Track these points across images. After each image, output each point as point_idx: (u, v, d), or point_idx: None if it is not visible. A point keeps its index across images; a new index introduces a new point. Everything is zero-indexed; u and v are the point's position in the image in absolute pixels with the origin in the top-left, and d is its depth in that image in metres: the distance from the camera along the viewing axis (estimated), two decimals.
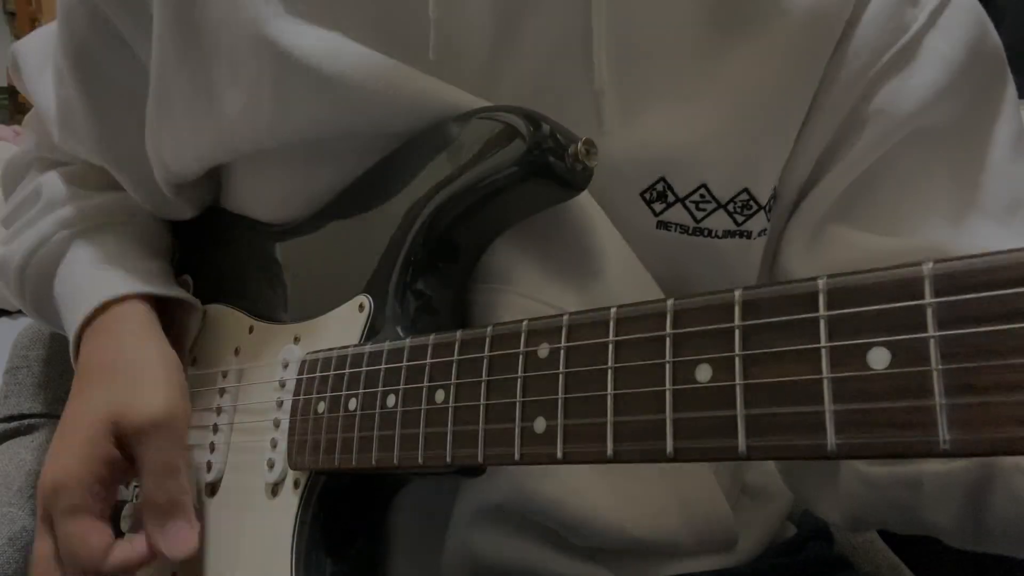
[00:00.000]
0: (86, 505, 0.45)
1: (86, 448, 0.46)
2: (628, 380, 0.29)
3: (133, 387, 0.47)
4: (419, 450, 0.36)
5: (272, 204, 0.51)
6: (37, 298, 0.57)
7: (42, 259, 0.55)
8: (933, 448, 0.22)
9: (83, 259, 0.54)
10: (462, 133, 0.42)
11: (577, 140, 0.39)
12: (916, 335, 0.22)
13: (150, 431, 0.45)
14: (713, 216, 0.45)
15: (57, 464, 0.46)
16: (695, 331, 0.27)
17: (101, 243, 0.55)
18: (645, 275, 0.45)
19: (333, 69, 0.42)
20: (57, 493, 0.45)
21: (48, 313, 0.58)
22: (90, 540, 0.44)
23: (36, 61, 0.58)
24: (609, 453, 0.29)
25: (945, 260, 0.22)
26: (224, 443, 0.49)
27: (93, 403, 0.48)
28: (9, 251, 0.57)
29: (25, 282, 0.57)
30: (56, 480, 0.46)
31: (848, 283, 0.24)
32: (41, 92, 0.56)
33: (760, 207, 0.46)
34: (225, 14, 0.44)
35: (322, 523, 0.43)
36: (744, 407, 0.25)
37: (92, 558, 0.44)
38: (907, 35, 0.44)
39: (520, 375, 0.32)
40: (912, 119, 0.45)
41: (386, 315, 0.42)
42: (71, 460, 0.46)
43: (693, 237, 0.45)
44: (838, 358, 0.24)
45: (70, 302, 0.53)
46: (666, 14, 0.44)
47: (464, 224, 0.42)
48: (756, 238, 0.46)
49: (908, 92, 0.44)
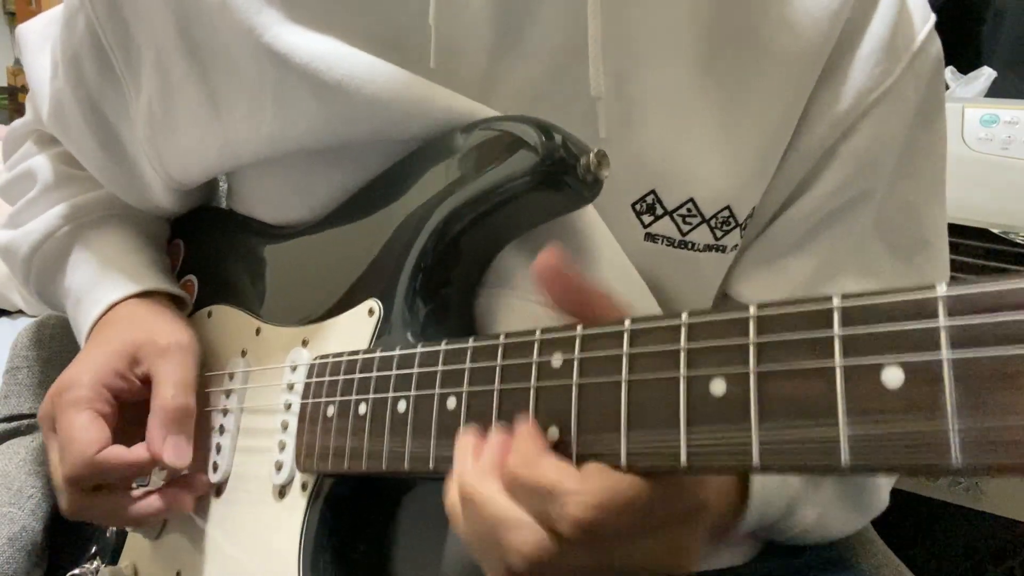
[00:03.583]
0: (88, 400, 0.46)
1: (99, 359, 0.48)
2: (642, 392, 0.29)
3: (154, 323, 0.50)
4: (430, 456, 0.36)
5: (278, 207, 0.51)
6: (42, 287, 0.59)
7: (48, 252, 0.57)
8: (945, 466, 0.22)
9: (87, 259, 0.56)
10: (473, 141, 0.42)
11: (589, 151, 0.39)
12: (930, 356, 0.23)
13: (174, 350, 0.48)
14: (697, 230, 0.46)
15: (66, 373, 0.48)
16: (709, 346, 0.28)
17: (103, 240, 0.56)
18: (638, 278, 0.46)
19: (332, 75, 0.42)
20: (62, 392, 0.47)
21: (53, 301, 0.60)
22: (89, 430, 0.45)
23: (36, 40, 0.59)
24: (622, 464, 0.29)
25: (959, 283, 0.22)
26: (230, 444, 0.49)
27: (115, 334, 0.50)
28: (14, 239, 0.59)
29: (31, 272, 0.58)
30: (63, 382, 0.47)
31: (863, 302, 0.24)
32: (36, 71, 0.57)
33: (737, 224, 0.47)
34: (226, 25, 0.45)
35: (329, 525, 0.43)
36: (758, 421, 0.26)
37: (84, 448, 0.45)
38: (892, 78, 0.46)
39: (533, 384, 0.33)
40: (875, 167, 0.47)
41: (395, 320, 0.43)
42: (82, 368, 0.48)
43: (677, 250, 0.46)
44: (852, 376, 0.24)
45: (78, 304, 0.54)
46: (662, 25, 0.44)
47: (474, 231, 0.42)
48: (728, 252, 0.48)
49: (881, 139, 0.46)
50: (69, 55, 0.52)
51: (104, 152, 0.54)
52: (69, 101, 0.53)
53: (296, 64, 0.43)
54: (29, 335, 0.70)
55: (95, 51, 0.50)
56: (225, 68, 0.46)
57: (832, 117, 0.46)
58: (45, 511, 0.62)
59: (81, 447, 0.45)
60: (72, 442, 0.45)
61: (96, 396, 0.47)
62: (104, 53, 0.50)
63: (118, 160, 0.54)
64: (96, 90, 0.52)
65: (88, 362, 0.48)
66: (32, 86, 0.58)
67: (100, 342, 0.50)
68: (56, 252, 0.57)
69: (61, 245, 0.57)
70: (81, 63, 0.51)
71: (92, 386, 0.47)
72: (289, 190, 0.49)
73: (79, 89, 0.52)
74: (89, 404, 0.46)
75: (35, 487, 0.63)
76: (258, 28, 0.43)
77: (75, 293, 0.55)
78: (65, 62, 0.52)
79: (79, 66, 0.52)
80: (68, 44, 0.51)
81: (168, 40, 0.47)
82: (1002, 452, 0.21)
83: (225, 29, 0.45)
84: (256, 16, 0.44)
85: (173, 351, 0.48)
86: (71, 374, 0.48)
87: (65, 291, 0.56)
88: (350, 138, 0.45)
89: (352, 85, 0.42)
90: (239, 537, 0.47)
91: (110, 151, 0.54)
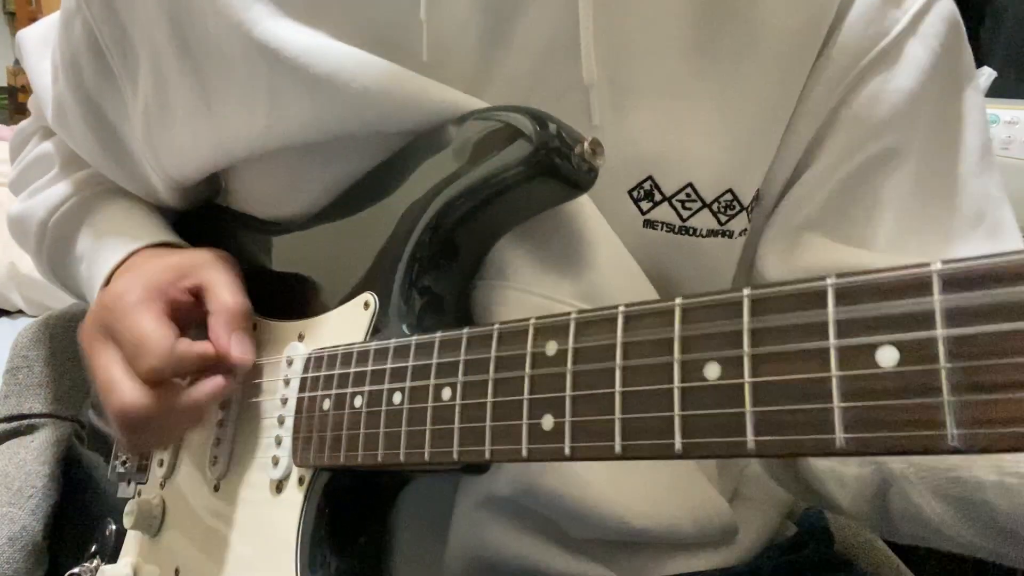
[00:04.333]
0: (148, 299, 0.45)
1: (146, 275, 0.47)
2: (636, 378, 0.29)
3: (183, 251, 0.50)
4: (425, 447, 0.36)
5: (272, 203, 0.51)
6: (54, 255, 0.59)
7: (64, 215, 0.57)
8: (941, 445, 0.22)
9: (105, 218, 0.56)
10: (467, 132, 0.42)
11: (583, 140, 0.39)
12: (924, 334, 0.22)
13: (218, 259, 0.49)
14: (698, 215, 0.46)
15: (112, 288, 0.47)
16: (703, 330, 0.27)
17: (118, 204, 0.57)
18: (636, 266, 0.46)
19: (322, 68, 0.42)
20: (116, 301, 0.45)
21: (61, 270, 0.59)
22: (161, 325, 0.44)
23: (36, 45, 0.59)
24: (617, 450, 0.29)
25: (953, 260, 0.22)
26: (229, 439, 0.49)
27: (151, 263, 0.49)
28: (30, 206, 0.59)
29: (45, 238, 0.58)
30: (112, 294, 0.46)
31: (856, 282, 0.24)
32: (39, 75, 0.58)
33: (743, 208, 0.46)
34: (218, 21, 0.45)
35: (327, 519, 0.43)
36: (753, 405, 0.26)
37: (162, 341, 0.43)
38: (888, 38, 0.45)
39: (528, 373, 0.33)
40: (885, 127, 0.46)
41: (391, 312, 0.43)
42: (130, 280, 0.47)
43: (678, 236, 0.46)
44: (846, 357, 0.24)
45: (92, 264, 0.54)
46: (654, 11, 0.44)
47: (469, 222, 0.42)
48: (737, 238, 0.47)
49: (884, 98, 0.45)
50: (68, 58, 0.52)
51: (106, 152, 0.55)
52: (70, 104, 0.53)
53: (286, 57, 0.43)
54: (29, 335, 0.70)
55: (93, 53, 0.51)
56: (217, 64, 0.46)
57: (826, 84, 0.45)
58: (45, 511, 0.62)
59: (160, 340, 0.43)
60: (148, 338, 0.43)
61: (155, 296, 0.45)
62: (101, 54, 0.50)
63: (120, 160, 0.55)
64: (95, 91, 0.52)
65: (134, 278, 0.47)
66: (35, 91, 0.59)
67: (137, 272, 0.49)
68: (73, 216, 0.57)
69: (78, 209, 0.57)
70: (80, 65, 0.52)
71: (148, 289, 0.46)
72: (283, 186, 0.50)
73: (79, 91, 0.53)
74: (150, 305, 0.45)
75: (35, 487, 0.63)
76: (248, 22, 0.44)
77: (89, 254, 0.55)
78: (64, 65, 0.53)
79: (78, 68, 0.52)
80: (67, 47, 0.52)
81: (161, 39, 0.47)
82: (998, 429, 0.21)
83: (217, 25, 0.45)
84: (247, 11, 0.44)
85: (217, 260, 0.49)
86: (120, 286, 0.46)
87: (78, 256, 0.56)
88: (342, 132, 0.45)
89: (342, 78, 0.42)
90: (237, 532, 0.47)
91: (112, 151, 0.55)
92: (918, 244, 0.46)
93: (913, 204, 0.47)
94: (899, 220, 0.47)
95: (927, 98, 0.46)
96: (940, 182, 0.47)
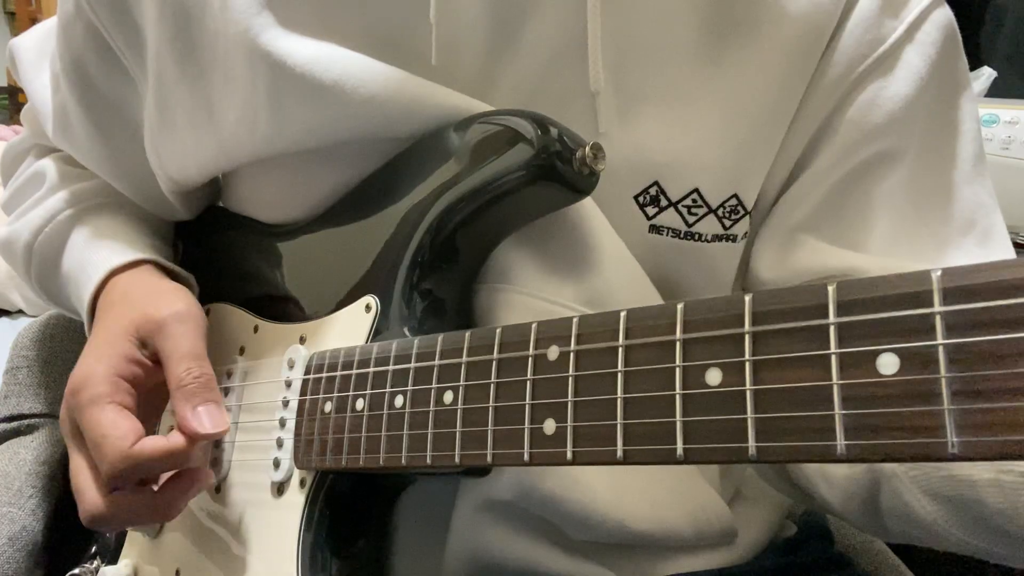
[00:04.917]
0: (109, 394, 0.44)
1: (107, 349, 0.46)
2: (638, 383, 0.29)
3: (154, 298, 0.48)
4: (427, 451, 0.36)
5: (274, 206, 0.51)
6: (43, 274, 0.58)
7: (48, 236, 0.56)
8: (941, 452, 0.22)
9: (87, 235, 0.55)
10: (469, 136, 0.42)
11: (584, 144, 0.39)
12: (925, 342, 0.22)
13: (172, 323, 0.46)
14: (704, 221, 0.46)
15: (78, 370, 0.46)
16: (705, 336, 0.28)
17: (100, 222, 0.56)
18: (640, 271, 0.46)
19: (327, 77, 0.42)
20: (78, 392, 0.44)
21: (53, 291, 0.59)
22: (118, 424, 0.42)
23: (32, 58, 0.58)
24: (619, 455, 0.29)
25: (953, 268, 0.22)
26: (229, 441, 0.49)
27: (114, 320, 0.48)
28: (15, 230, 0.58)
29: (32, 259, 0.58)
30: (76, 380, 0.45)
31: (857, 290, 0.24)
32: (37, 89, 0.57)
33: (747, 212, 0.47)
34: (220, 27, 0.45)
35: (328, 522, 0.43)
36: (754, 411, 0.26)
37: (118, 443, 0.42)
38: (885, 45, 0.46)
39: (530, 377, 0.33)
40: (880, 133, 0.46)
41: (392, 316, 0.43)
42: (92, 361, 0.45)
43: (684, 241, 0.46)
44: (847, 364, 0.24)
45: (79, 275, 0.53)
46: (662, 18, 0.44)
47: (470, 226, 0.42)
48: (739, 241, 0.47)
49: (880, 104, 0.46)
50: (70, 63, 0.51)
51: (112, 158, 0.54)
52: (74, 110, 0.53)
53: (292, 67, 0.43)
54: (29, 335, 0.70)
55: (100, 54, 0.50)
56: (220, 71, 0.46)
57: (825, 89, 0.46)
58: (45, 511, 0.62)
59: (115, 443, 0.42)
60: (104, 439, 0.42)
61: (115, 389, 0.44)
62: (110, 56, 0.50)
63: (126, 165, 0.54)
64: (110, 91, 0.51)
65: (96, 354, 0.46)
66: (33, 104, 0.58)
67: (101, 330, 0.48)
68: (57, 236, 0.56)
69: (62, 229, 0.56)
70: (85, 68, 0.51)
71: (108, 379, 0.44)
72: (285, 189, 0.49)
73: (87, 95, 0.52)
74: (110, 398, 0.44)
75: (35, 487, 0.63)
76: (254, 28, 0.43)
77: (73, 277, 0.54)
78: (66, 71, 0.52)
79: (83, 71, 0.51)
80: (67, 52, 0.51)
81: (163, 43, 0.47)
82: (999, 436, 0.21)
83: (222, 30, 0.45)
84: (255, 17, 0.44)
85: (171, 324, 0.45)
86: (83, 371, 0.45)
87: (64, 278, 0.55)
88: (347, 138, 0.45)
89: (348, 85, 0.42)
90: (238, 535, 0.47)
91: (117, 156, 0.54)
92: (910, 248, 0.47)
93: (906, 208, 0.47)
94: (892, 224, 0.47)
95: (922, 104, 0.46)
96: (933, 188, 0.48)
